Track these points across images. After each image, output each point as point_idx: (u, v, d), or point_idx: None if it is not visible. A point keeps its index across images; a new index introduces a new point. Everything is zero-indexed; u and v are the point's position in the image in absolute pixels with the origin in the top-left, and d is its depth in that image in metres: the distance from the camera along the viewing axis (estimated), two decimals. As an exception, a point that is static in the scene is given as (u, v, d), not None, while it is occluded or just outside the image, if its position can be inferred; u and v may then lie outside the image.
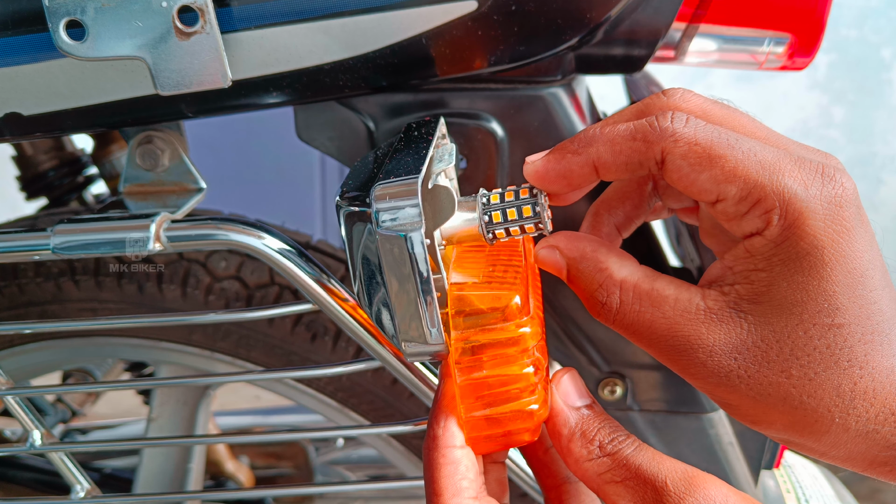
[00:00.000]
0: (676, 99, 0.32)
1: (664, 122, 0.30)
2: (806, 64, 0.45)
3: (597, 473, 0.32)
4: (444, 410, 0.33)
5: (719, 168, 0.29)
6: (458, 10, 0.37)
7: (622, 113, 0.34)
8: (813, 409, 0.29)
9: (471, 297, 0.33)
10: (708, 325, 0.30)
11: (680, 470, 0.30)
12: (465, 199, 0.35)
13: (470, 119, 0.44)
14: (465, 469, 0.32)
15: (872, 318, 0.28)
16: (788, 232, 0.28)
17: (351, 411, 0.63)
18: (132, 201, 0.45)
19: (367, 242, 0.32)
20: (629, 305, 0.32)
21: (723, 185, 0.29)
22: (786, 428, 0.30)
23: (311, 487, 0.86)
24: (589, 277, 0.33)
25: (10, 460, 0.92)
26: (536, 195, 0.34)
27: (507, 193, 0.34)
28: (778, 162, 0.29)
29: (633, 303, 0.31)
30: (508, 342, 0.32)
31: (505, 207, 0.34)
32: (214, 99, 0.40)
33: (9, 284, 0.62)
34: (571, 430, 0.33)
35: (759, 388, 0.29)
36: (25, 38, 0.37)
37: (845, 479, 0.66)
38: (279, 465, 1.12)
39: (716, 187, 0.29)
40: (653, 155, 0.30)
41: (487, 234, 0.34)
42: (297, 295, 0.60)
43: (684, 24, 0.44)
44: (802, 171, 0.29)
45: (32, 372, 0.69)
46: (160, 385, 0.69)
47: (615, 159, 0.31)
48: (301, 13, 0.37)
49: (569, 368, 0.35)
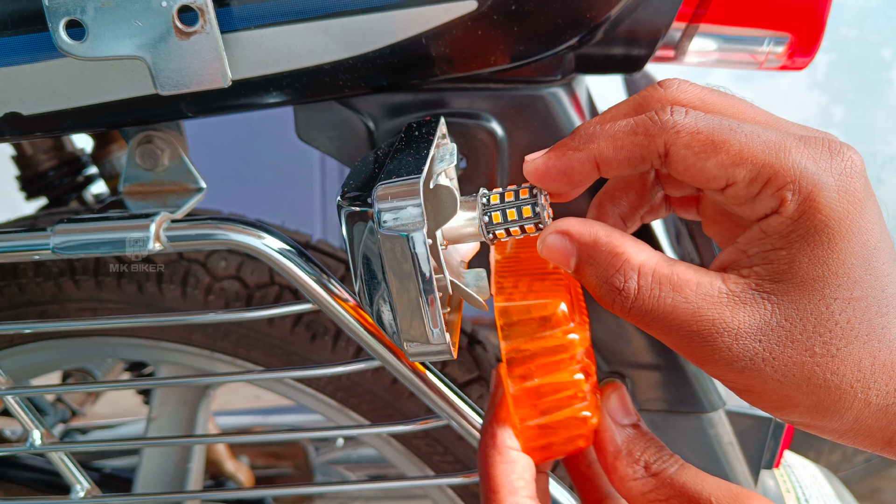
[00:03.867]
0: (674, 90, 0.32)
1: (664, 115, 0.30)
2: (806, 64, 0.45)
3: (641, 493, 0.32)
4: (502, 416, 0.33)
5: (725, 153, 0.29)
6: (458, 9, 0.37)
7: (619, 107, 0.34)
8: (836, 386, 0.29)
9: (517, 308, 0.33)
10: (732, 309, 0.29)
11: (724, 488, 0.30)
12: (465, 198, 0.35)
13: (470, 119, 0.44)
14: (521, 469, 0.32)
15: (887, 291, 0.28)
16: (804, 206, 0.28)
17: (351, 411, 0.63)
18: (132, 201, 0.45)
19: (368, 242, 0.32)
20: (648, 290, 0.30)
21: (730, 169, 0.29)
22: (809, 410, 0.30)
23: (311, 487, 0.86)
24: (604, 262, 0.31)
25: (10, 460, 0.92)
26: (536, 195, 0.34)
27: (507, 193, 0.34)
28: (783, 141, 0.29)
29: (652, 287, 0.30)
30: (557, 349, 0.32)
31: (505, 208, 0.34)
32: (214, 99, 0.40)
33: (9, 284, 0.62)
34: (617, 448, 0.33)
35: (783, 369, 0.29)
36: (25, 38, 0.37)
37: (845, 479, 0.66)
38: (279, 464, 1.12)
39: (724, 172, 0.29)
40: (655, 149, 0.30)
41: (487, 235, 0.34)
42: (297, 295, 0.60)
43: (684, 24, 0.44)
44: (809, 147, 0.29)
45: (32, 372, 0.69)
46: (160, 385, 0.68)
47: (617, 155, 0.31)
48: (301, 13, 0.37)
49: (616, 385, 0.35)
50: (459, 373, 0.59)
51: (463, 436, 0.44)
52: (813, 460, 0.66)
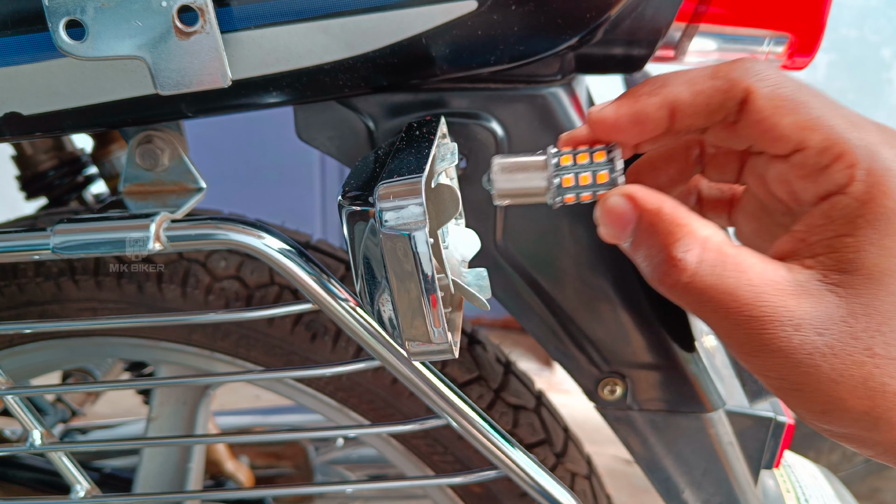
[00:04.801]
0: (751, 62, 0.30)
1: (748, 62, 0.29)
2: (806, 64, 0.45)
3: None
4: None
5: (804, 114, 0.28)
6: (458, 9, 0.37)
7: (689, 70, 0.32)
8: (894, 392, 0.27)
9: None
10: (797, 298, 0.27)
11: None
12: (528, 156, 0.33)
13: (470, 118, 0.44)
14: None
15: None
16: (875, 190, 0.27)
17: (351, 411, 0.63)
18: (132, 201, 0.45)
19: (369, 242, 0.32)
20: (710, 266, 0.28)
21: (806, 132, 0.28)
22: (859, 417, 0.28)
23: (310, 487, 0.86)
24: (666, 231, 0.29)
25: (10, 460, 0.92)
26: (613, 159, 0.31)
27: (580, 156, 0.32)
28: (861, 121, 0.28)
29: (715, 264, 0.28)
30: None
31: (578, 172, 0.31)
32: (214, 99, 0.40)
33: (9, 284, 0.62)
34: None
35: (841, 367, 0.27)
36: (25, 38, 0.37)
37: (845, 479, 0.66)
38: (279, 464, 1.12)
39: (798, 134, 0.28)
40: (735, 94, 0.29)
41: (556, 198, 0.32)
42: (297, 295, 0.60)
43: (684, 24, 0.44)
44: (884, 134, 0.28)
45: (32, 372, 0.69)
46: (160, 385, 0.68)
47: (694, 99, 0.29)
48: (301, 13, 0.37)
49: None
50: (459, 373, 0.59)
51: (463, 436, 0.44)
52: (813, 460, 0.66)
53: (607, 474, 0.84)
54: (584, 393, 0.50)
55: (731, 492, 0.51)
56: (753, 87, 0.28)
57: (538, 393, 0.65)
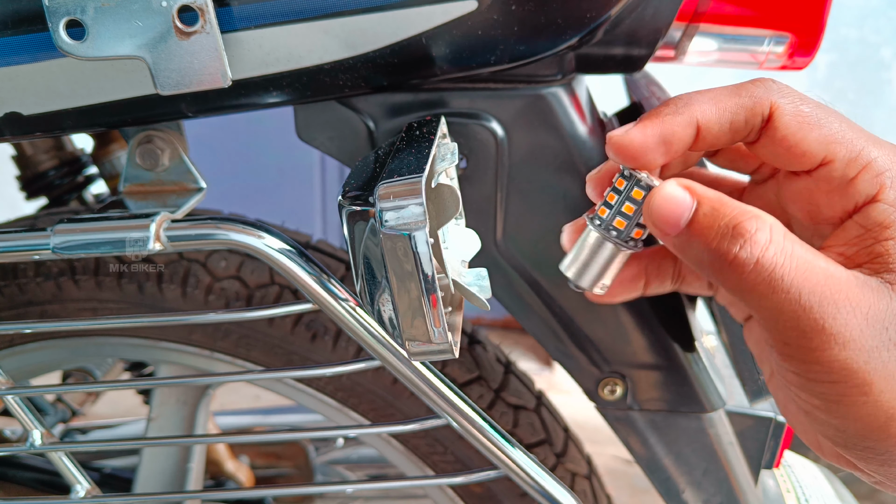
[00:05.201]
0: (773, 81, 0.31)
1: (770, 81, 0.30)
2: (806, 64, 0.45)
3: None
4: None
5: (828, 129, 0.29)
6: (457, 9, 0.37)
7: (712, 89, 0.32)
8: None
9: None
10: (863, 289, 0.27)
11: None
12: (579, 242, 0.33)
13: (470, 118, 0.44)
14: None
15: None
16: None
17: (351, 411, 0.63)
18: (132, 201, 0.45)
19: (370, 242, 0.32)
20: (781, 245, 0.27)
21: (832, 145, 0.28)
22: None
23: (311, 487, 0.86)
24: (731, 213, 0.28)
25: (10, 460, 0.92)
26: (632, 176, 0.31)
27: (608, 196, 0.32)
28: (877, 138, 0.29)
29: (785, 245, 0.27)
30: None
31: (619, 207, 0.31)
32: (214, 99, 0.40)
33: (9, 284, 0.62)
34: None
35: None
36: (25, 38, 0.37)
37: (845, 479, 0.66)
38: (279, 464, 1.12)
39: (824, 147, 0.29)
40: (760, 111, 0.29)
41: (629, 243, 0.32)
42: (297, 295, 0.60)
43: (684, 24, 0.44)
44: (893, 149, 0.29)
45: (32, 372, 0.69)
46: (160, 385, 0.68)
47: (720, 116, 0.30)
48: (301, 13, 0.37)
49: None
50: (459, 373, 0.59)
51: (463, 436, 0.44)
52: (813, 460, 0.66)
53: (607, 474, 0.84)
54: (585, 393, 0.50)
55: (731, 492, 0.51)
56: (777, 103, 0.29)
57: (538, 393, 0.65)
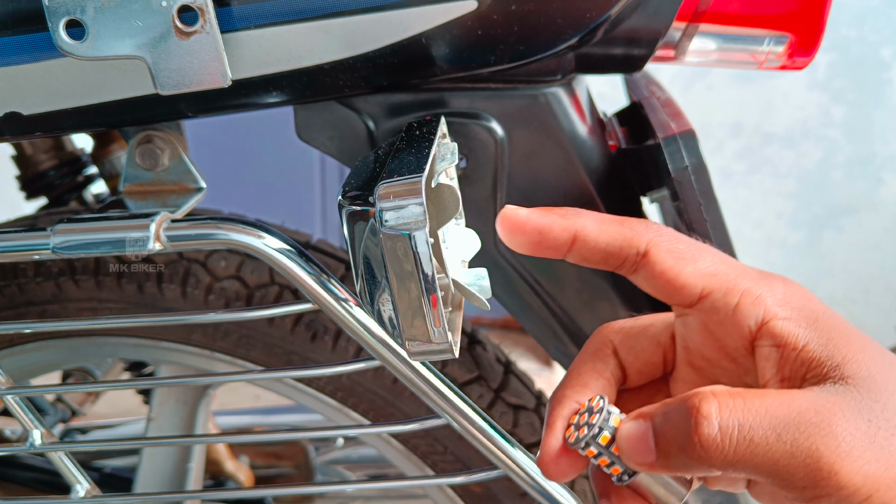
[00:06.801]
0: (655, 223, 0.34)
1: (652, 223, 0.32)
2: (806, 64, 0.45)
3: None
4: None
5: (702, 262, 0.31)
6: (457, 9, 0.37)
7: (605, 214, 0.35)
8: None
9: None
10: (833, 396, 0.27)
11: None
12: None
13: (470, 118, 0.44)
14: None
15: None
16: (791, 310, 0.29)
17: (351, 411, 0.63)
18: (132, 201, 0.45)
19: (369, 242, 0.32)
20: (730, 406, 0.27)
21: (707, 277, 0.31)
22: None
23: (311, 487, 0.86)
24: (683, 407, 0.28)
25: (10, 460, 0.92)
26: (591, 410, 0.31)
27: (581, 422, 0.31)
28: (746, 267, 0.31)
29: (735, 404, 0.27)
30: None
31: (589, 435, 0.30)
32: (214, 99, 0.40)
33: (9, 284, 0.62)
34: None
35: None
36: (25, 38, 0.37)
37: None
38: (279, 464, 1.12)
39: (700, 280, 0.31)
40: (636, 244, 0.32)
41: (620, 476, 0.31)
42: (297, 295, 0.60)
43: (684, 24, 0.44)
44: (762, 275, 0.31)
45: (32, 372, 0.69)
46: (160, 385, 0.69)
47: (599, 236, 0.32)
48: (301, 13, 0.37)
49: None
50: (459, 373, 0.59)
51: (463, 436, 0.44)
52: None
53: (607, 474, 0.83)
54: (584, 393, 0.50)
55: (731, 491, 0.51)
56: (654, 241, 0.31)
57: (538, 393, 0.65)
